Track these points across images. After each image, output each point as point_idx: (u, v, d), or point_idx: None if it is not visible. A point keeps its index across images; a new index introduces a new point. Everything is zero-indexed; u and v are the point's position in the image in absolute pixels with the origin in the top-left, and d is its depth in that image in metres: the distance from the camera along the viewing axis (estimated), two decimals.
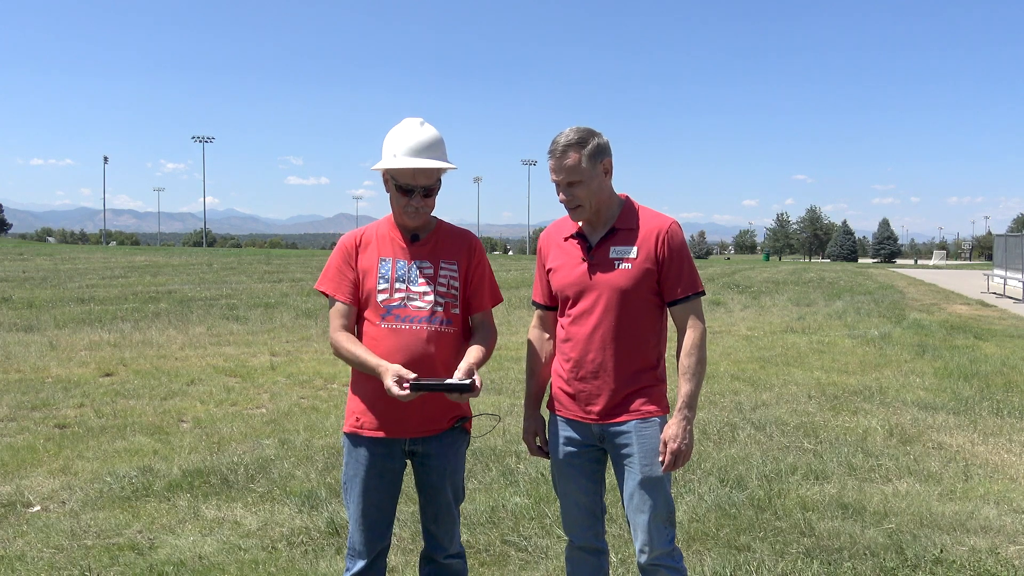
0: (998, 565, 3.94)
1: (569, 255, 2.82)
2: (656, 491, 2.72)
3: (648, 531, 2.72)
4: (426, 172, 2.72)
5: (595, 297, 2.74)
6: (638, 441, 2.72)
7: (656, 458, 2.71)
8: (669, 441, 2.68)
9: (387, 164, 2.73)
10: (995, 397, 8.01)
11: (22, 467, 5.41)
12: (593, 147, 2.71)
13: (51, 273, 26.06)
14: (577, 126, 2.73)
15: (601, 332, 2.73)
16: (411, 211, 2.75)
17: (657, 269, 2.73)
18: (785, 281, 28.88)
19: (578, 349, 2.77)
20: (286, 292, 20.32)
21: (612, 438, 2.77)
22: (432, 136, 2.75)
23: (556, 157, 2.72)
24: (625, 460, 2.75)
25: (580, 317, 2.77)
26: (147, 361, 9.79)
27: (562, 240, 2.87)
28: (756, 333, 13.49)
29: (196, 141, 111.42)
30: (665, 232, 2.74)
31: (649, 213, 2.81)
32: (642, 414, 2.74)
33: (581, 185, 2.71)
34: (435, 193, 2.78)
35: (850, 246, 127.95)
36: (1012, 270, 25.06)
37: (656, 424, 2.74)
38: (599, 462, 2.88)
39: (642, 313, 2.75)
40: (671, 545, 2.76)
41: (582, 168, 2.70)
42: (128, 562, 3.91)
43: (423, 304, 2.75)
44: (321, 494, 4.83)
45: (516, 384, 8.41)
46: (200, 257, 43.04)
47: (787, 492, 4.98)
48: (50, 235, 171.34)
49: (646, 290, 2.73)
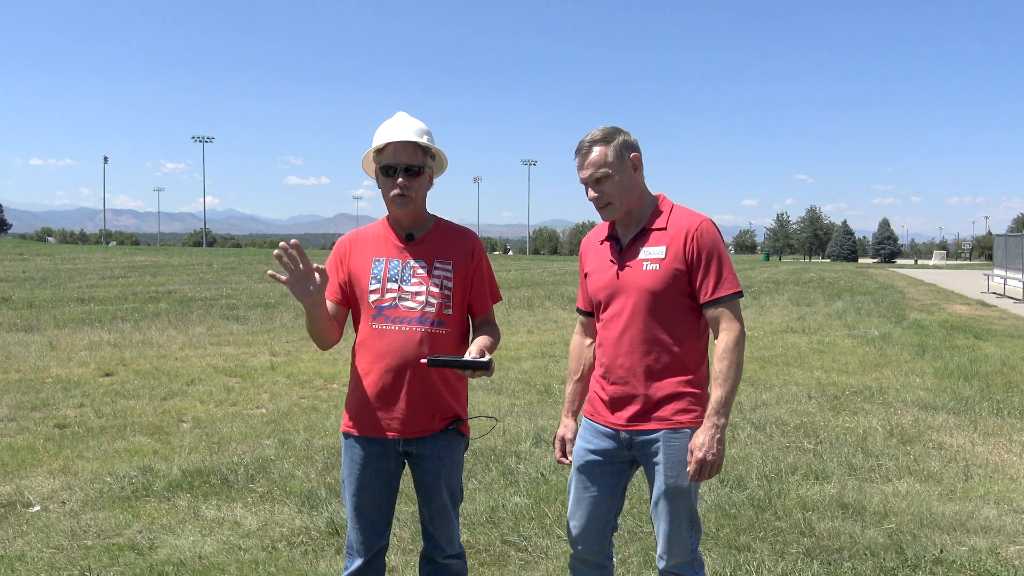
0: (998, 565, 3.94)
1: (602, 258, 2.77)
2: (679, 501, 2.65)
3: (668, 539, 2.68)
4: (406, 148, 2.69)
5: (624, 300, 2.67)
6: (665, 451, 2.63)
7: (682, 469, 2.61)
8: (695, 450, 2.55)
9: (367, 151, 2.76)
10: (995, 397, 8.01)
11: (22, 467, 5.41)
12: (620, 142, 2.65)
13: (51, 273, 26.06)
14: (603, 125, 2.69)
15: (629, 336, 2.66)
16: (397, 193, 2.69)
17: (688, 269, 2.62)
18: (785, 281, 28.87)
19: (608, 354, 2.72)
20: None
21: (641, 447, 2.69)
22: (411, 121, 2.76)
23: (583, 154, 2.67)
24: (653, 468, 2.68)
25: (610, 321, 2.71)
26: (147, 361, 9.79)
27: (598, 244, 2.82)
28: (756, 333, 13.48)
29: (196, 141, 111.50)
30: (695, 230, 2.63)
31: (681, 211, 2.71)
32: (672, 424, 2.63)
33: (609, 180, 2.64)
34: (421, 175, 2.72)
35: (850, 246, 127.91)
36: (1012, 270, 25.06)
37: (687, 435, 2.63)
38: (623, 476, 2.80)
39: (674, 316, 2.65)
40: (692, 554, 2.71)
41: (609, 161, 2.63)
42: (128, 562, 3.91)
43: (414, 304, 2.72)
44: (321, 494, 4.83)
45: (516, 384, 8.41)
46: (200, 257, 43.04)
47: (787, 492, 4.98)
48: (50, 235, 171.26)
49: (677, 291, 2.63)
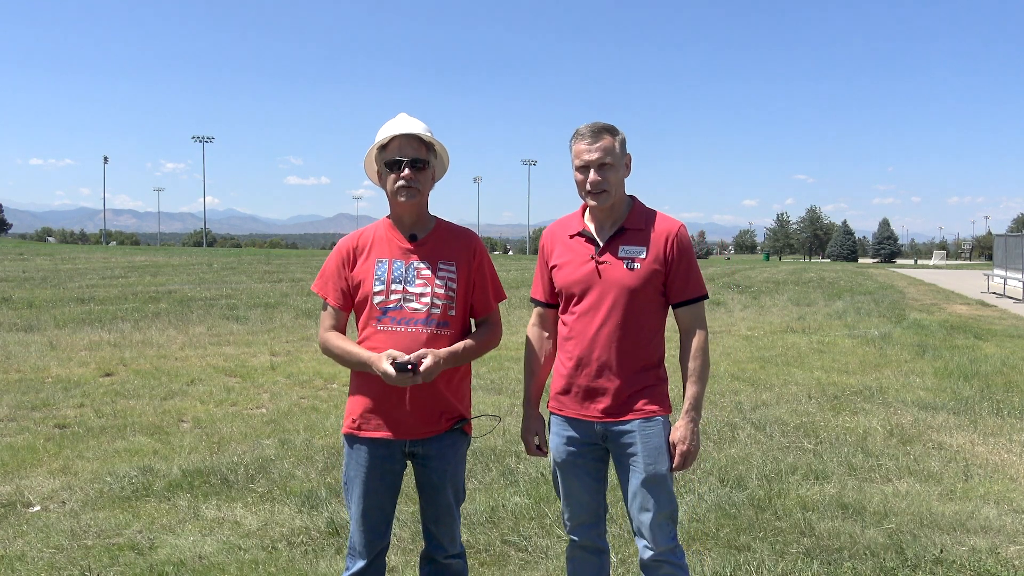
0: (998, 565, 3.94)
1: (575, 252, 2.83)
2: (659, 489, 2.73)
3: (651, 529, 2.73)
4: (411, 142, 2.72)
5: (602, 295, 2.75)
6: (642, 440, 2.73)
7: (659, 456, 2.73)
8: (679, 443, 2.74)
9: (370, 148, 2.78)
10: (995, 397, 8.01)
11: (22, 467, 5.41)
12: (623, 139, 2.79)
13: (51, 273, 26.05)
14: (601, 121, 2.78)
15: (607, 329, 2.74)
16: (403, 185, 2.71)
17: (665, 271, 2.77)
18: (785, 281, 28.87)
19: (582, 346, 2.78)
20: (286, 292, 20.31)
21: (615, 437, 2.78)
22: (414, 121, 2.79)
23: (590, 137, 2.74)
24: (628, 459, 2.76)
25: (585, 314, 2.77)
26: (147, 361, 9.79)
27: (567, 238, 2.87)
28: (756, 333, 13.49)
29: (196, 141, 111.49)
30: (675, 235, 2.79)
31: (659, 215, 2.86)
32: (645, 413, 2.75)
33: (612, 169, 2.75)
34: (426, 170, 2.75)
35: (850, 246, 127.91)
36: (1012, 270, 25.07)
37: (659, 423, 2.76)
38: (602, 460, 2.89)
39: (647, 313, 2.77)
40: (674, 542, 2.77)
41: (616, 152, 2.75)
42: (128, 562, 3.91)
43: (419, 306, 2.73)
44: (321, 494, 4.83)
45: (516, 384, 8.41)
46: (200, 257, 43.03)
47: (787, 492, 4.98)
48: (50, 235, 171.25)
49: (652, 290, 2.76)
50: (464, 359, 2.78)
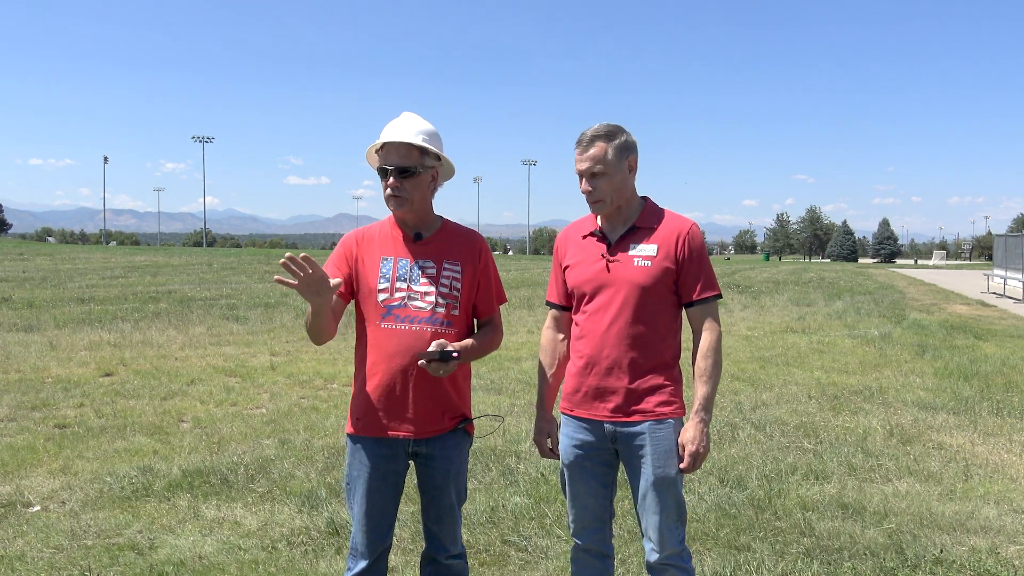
0: (998, 565, 3.94)
1: (587, 252, 2.82)
2: (668, 491, 2.71)
3: (660, 531, 2.71)
4: (399, 149, 2.67)
5: (613, 293, 2.72)
6: (651, 443, 2.70)
7: (669, 459, 2.70)
8: (688, 444, 2.68)
9: (371, 145, 2.75)
10: (995, 397, 8.01)
11: (22, 467, 5.41)
12: (620, 142, 2.72)
13: (51, 273, 26.05)
14: (607, 122, 2.74)
15: (617, 327, 2.71)
16: (389, 195, 2.70)
17: (676, 269, 2.72)
18: (785, 281, 28.87)
19: (593, 345, 2.75)
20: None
21: (625, 439, 2.74)
22: (413, 121, 2.73)
23: (583, 146, 2.72)
24: (638, 461, 2.73)
25: (596, 313, 2.75)
26: (147, 361, 9.79)
27: (580, 238, 2.86)
28: (756, 333, 13.49)
29: (196, 141, 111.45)
30: (687, 233, 2.75)
31: (670, 214, 2.82)
32: (656, 416, 2.71)
33: (605, 177, 2.71)
34: (415, 176, 2.69)
35: (850, 246, 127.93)
36: (1012, 270, 25.08)
37: (670, 426, 2.72)
38: (610, 465, 2.85)
39: (659, 311, 2.73)
40: (681, 545, 2.75)
41: (608, 160, 2.70)
42: (128, 562, 3.91)
43: (424, 304, 2.72)
44: (321, 494, 4.83)
45: (516, 384, 8.41)
46: (200, 257, 43.03)
47: (787, 492, 4.98)
48: (50, 235, 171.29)
49: (664, 289, 2.72)
50: (469, 357, 2.77)
